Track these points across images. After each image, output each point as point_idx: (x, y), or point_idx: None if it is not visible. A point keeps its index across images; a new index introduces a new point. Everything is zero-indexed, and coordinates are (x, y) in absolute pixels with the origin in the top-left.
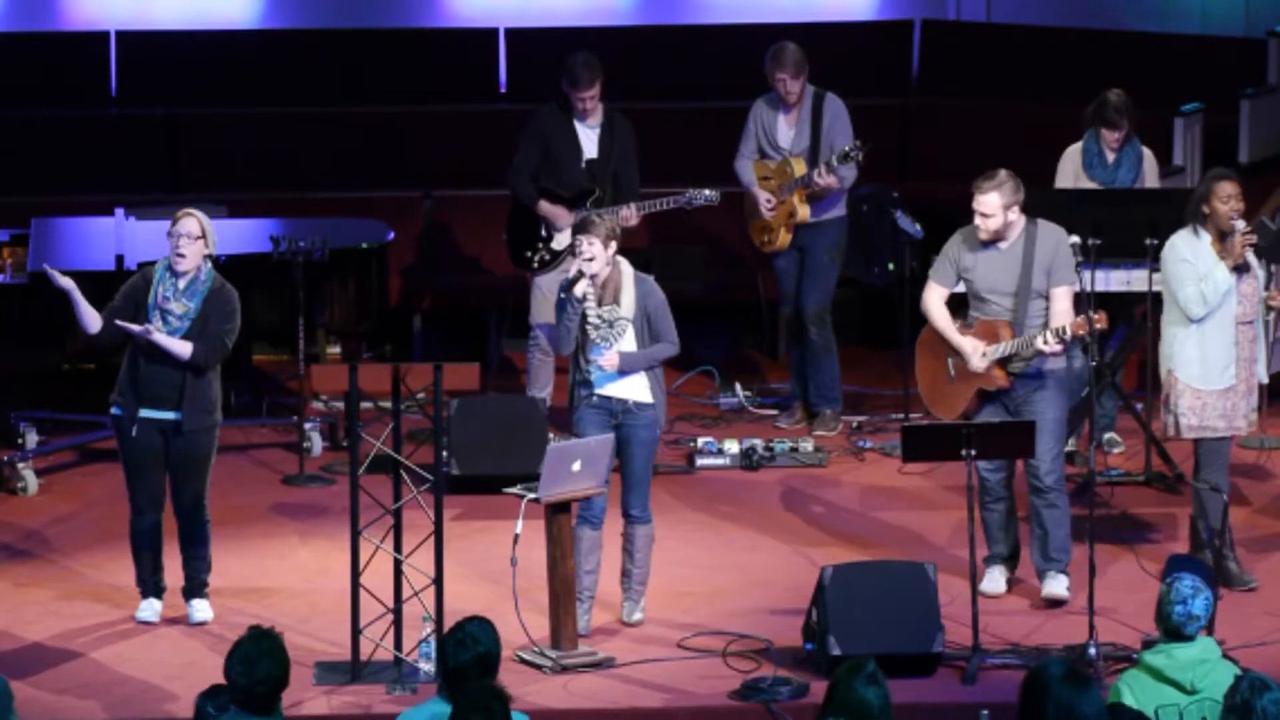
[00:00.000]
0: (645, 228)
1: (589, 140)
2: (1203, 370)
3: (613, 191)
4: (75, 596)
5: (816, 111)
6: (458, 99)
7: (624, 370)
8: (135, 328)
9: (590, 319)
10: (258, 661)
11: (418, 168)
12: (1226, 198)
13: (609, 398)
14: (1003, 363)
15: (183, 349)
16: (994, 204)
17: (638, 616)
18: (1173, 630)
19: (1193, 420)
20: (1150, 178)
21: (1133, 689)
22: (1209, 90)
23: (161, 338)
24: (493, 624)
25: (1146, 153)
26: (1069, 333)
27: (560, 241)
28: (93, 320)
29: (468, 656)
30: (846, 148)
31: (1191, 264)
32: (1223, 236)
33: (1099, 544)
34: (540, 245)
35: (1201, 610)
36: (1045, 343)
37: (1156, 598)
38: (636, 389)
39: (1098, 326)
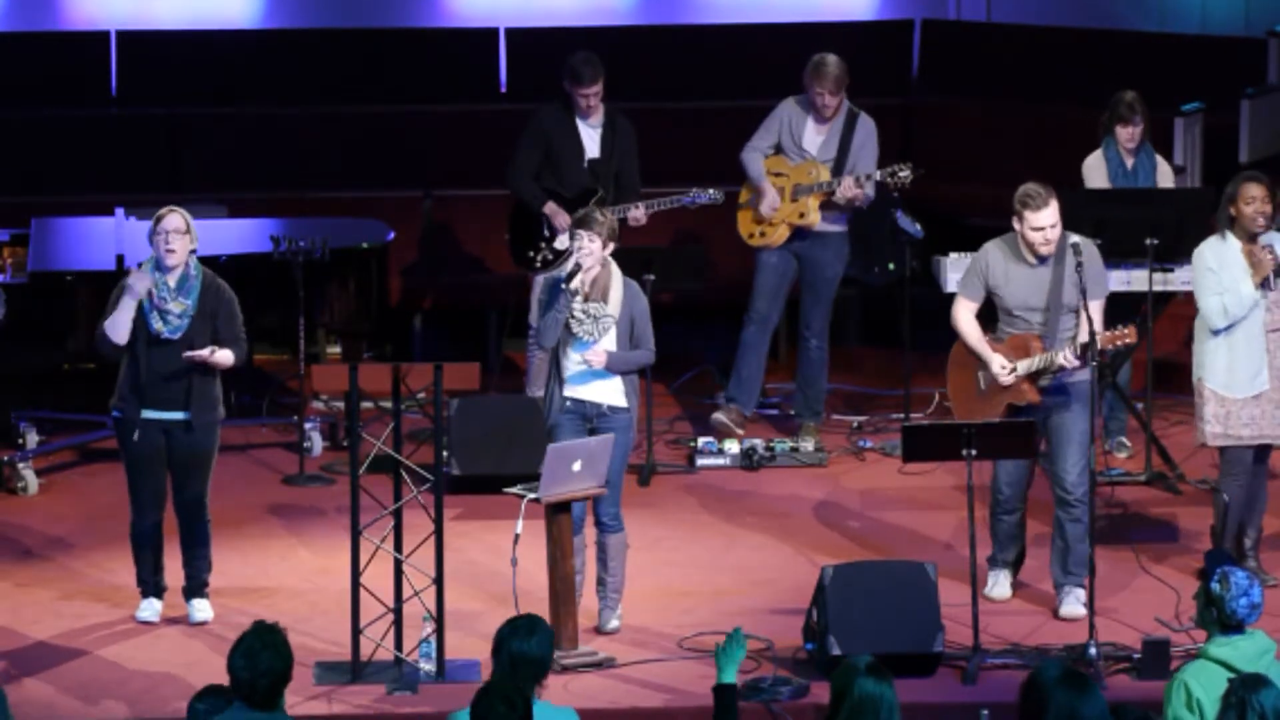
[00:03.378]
0: (645, 227)
1: (591, 140)
2: (1229, 378)
3: (615, 191)
4: (75, 596)
5: (849, 128)
6: (458, 99)
7: (607, 369)
8: (200, 354)
9: (575, 313)
10: (260, 654)
11: (418, 168)
12: (1251, 199)
13: (583, 401)
14: (1033, 377)
15: (227, 358)
16: (1055, 213)
17: (614, 625)
18: (1236, 623)
19: (1217, 428)
20: (1164, 185)
21: (1200, 681)
22: (1209, 90)
23: (220, 355)
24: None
25: (1161, 160)
26: (1099, 345)
27: (563, 241)
28: (124, 331)
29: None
30: (898, 167)
31: (1215, 273)
32: (1251, 238)
33: (1099, 544)
34: (543, 245)
35: (1260, 598)
36: (1065, 359)
37: (1202, 596)
38: (611, 393)
39: (1128, 342)
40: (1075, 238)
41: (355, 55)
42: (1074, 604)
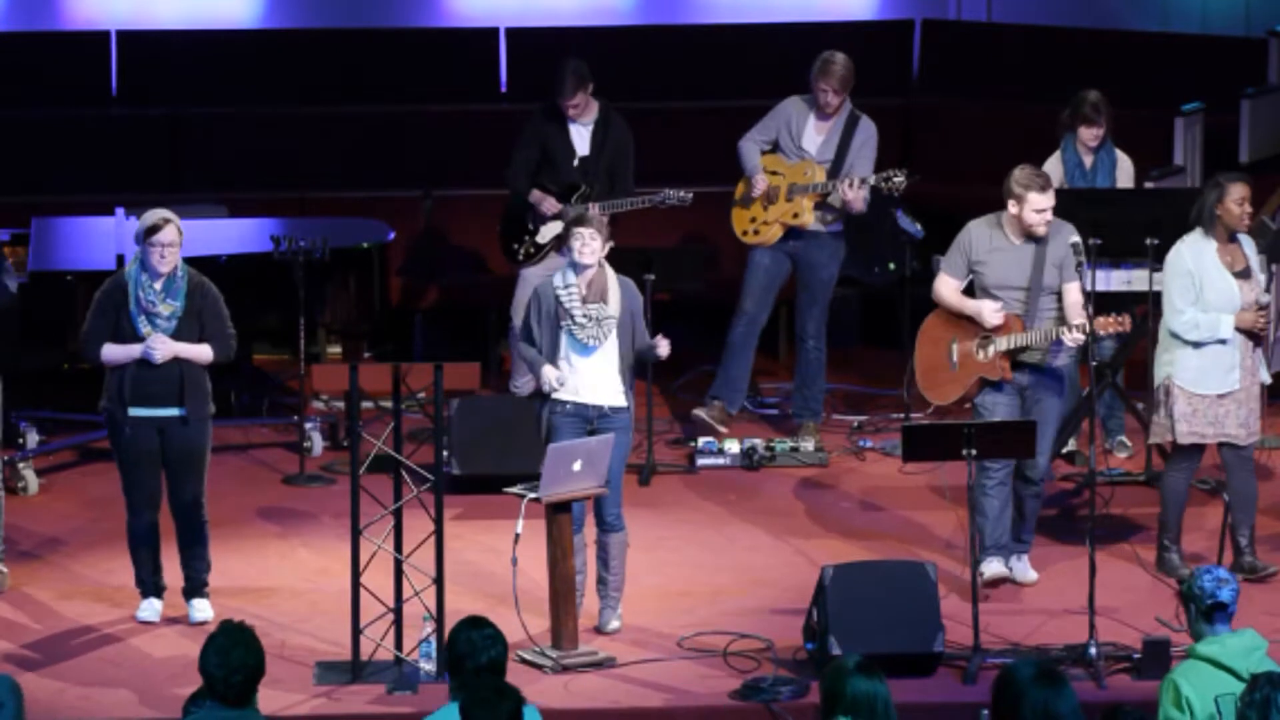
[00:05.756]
0: (645, 227)
1: (581, 138)
2: (1199, 376)
3: (606, 188)
4: (75, 596)
5: (849, 130)
6: (458, 99)
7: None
8: (156, 354)
9: (577, 318)
10: (232, 652)
11: (418, 168)
12: (1240, 200)
13: (584, 404)
14: (1008, 355)
15: (204, 353)
16: (1053, 199)
17: (615, 625)
18: (1215, 604)
19: (1184, 426)
20: (1124, 182)
21: (1189, 680)
22: (1209, 90)
23: (185, 349)
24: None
25: (1122, 157)
26: (1091, 329)
27: (545, 235)
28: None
29: (497, 652)
30: (892, 173)
31: (1192, 276)
32: (1231, 238)
33: (1099, 544)
34: (526, 238)
35: (1227, 574)
36: (1070, 334)
37: (1183, 602)
38: (611, 394)
39: (1123, 329)
40: (1070, 229)
41: (355, 55)
42: (1026, 570)
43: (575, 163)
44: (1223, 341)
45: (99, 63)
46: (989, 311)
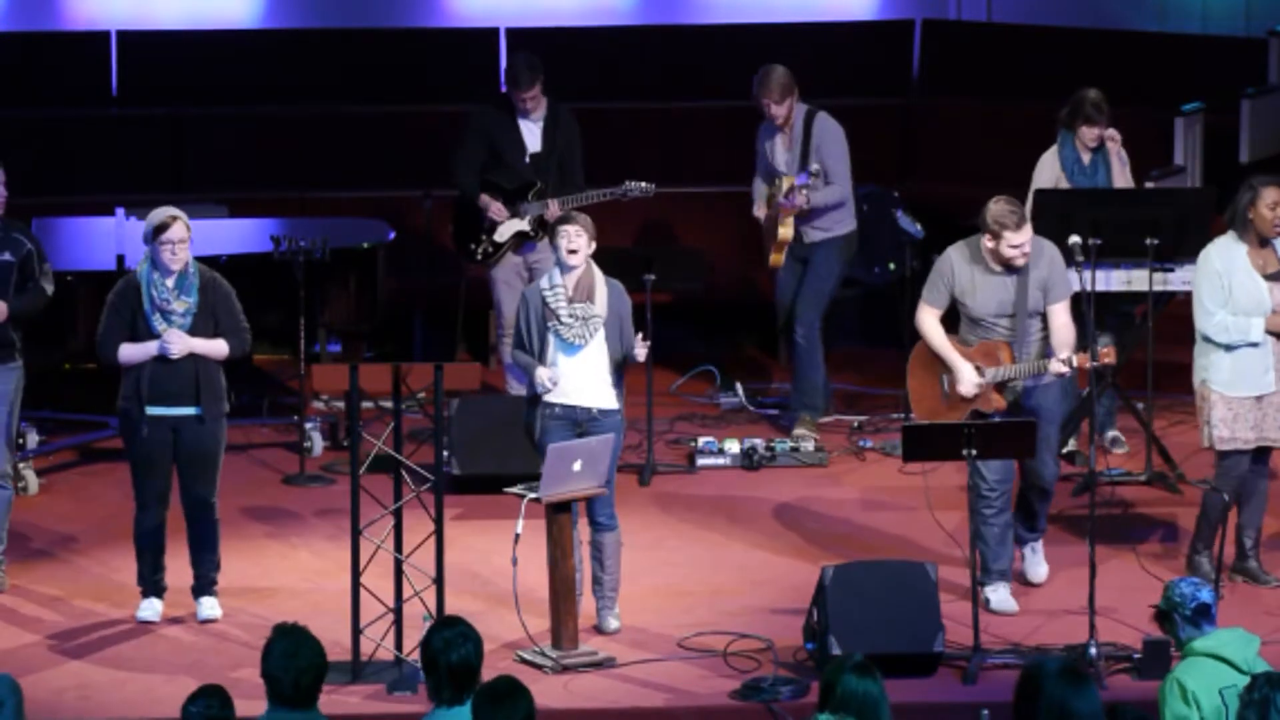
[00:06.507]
0: (646, 227)
1: (531, 135)
2: (1234, 377)
3: (558, 184)
4: (76, 596)
5: (807, 130)
6: (458, 99)
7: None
8: (172, 349)
9: (563, 318)
10: (298, 653)
11: (418, 168)
12: (1273, 205)
13: (572, 407)
14: (999, 384)
15: (220, 348)
16: (1029, 233)
17: (614, 625)
18: (1198, 607)
19: (1224, 431)
20: (1122, 174)
21: (1193, 676)
22: (1209, 90)
23: (201, 344)
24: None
25: (1121, 151)
26: (1075, 364)
27: (503, 234)
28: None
29: (468, 650)
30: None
31: (1221, 277)
32: (1263, 242)
33: (1099, 544)
34: (483, 238)
35: (1210, 597)
36: (1057, 366)
37: (1164, 623)
38: (601, 396)
39: (1106, 362)
40: (1052, 249)
41: (355, 55)
42: (1039, 567)
43: (527, 159)
44: (1254, 344)
45: (99, 63)
46: (968, 384)
